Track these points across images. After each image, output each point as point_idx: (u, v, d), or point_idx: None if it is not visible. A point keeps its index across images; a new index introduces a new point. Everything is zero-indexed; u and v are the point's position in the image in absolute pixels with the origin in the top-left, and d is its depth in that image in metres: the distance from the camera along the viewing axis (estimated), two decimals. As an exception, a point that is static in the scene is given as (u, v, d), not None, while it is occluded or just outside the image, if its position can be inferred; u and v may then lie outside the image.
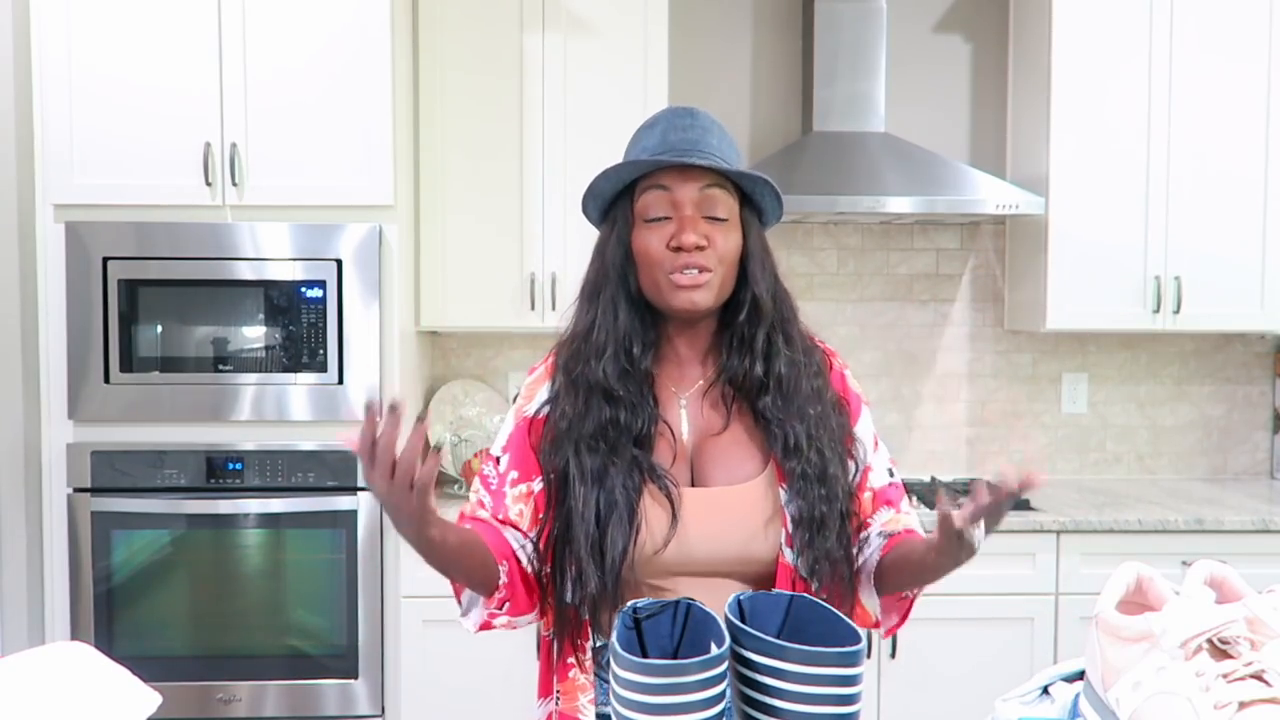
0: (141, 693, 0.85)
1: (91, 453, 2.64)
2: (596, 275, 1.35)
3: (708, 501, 1.29)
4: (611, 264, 1.32)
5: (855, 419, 1.38)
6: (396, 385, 2.70)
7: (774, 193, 1.33)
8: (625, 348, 1.30)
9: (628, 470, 1.26)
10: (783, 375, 1.31)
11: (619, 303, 1.31)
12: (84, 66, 2.62)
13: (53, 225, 2.65)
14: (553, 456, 1.31)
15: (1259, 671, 0.77)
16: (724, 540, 1.28)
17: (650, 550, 1.26)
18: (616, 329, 1.31)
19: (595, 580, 1.24)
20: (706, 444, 1.33)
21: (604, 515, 1.25)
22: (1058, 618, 2.75)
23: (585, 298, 1.36)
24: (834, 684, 0.94)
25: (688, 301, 1.28)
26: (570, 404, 1.31)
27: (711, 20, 3.30)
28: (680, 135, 1.29)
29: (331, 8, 2.63)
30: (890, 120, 3.14)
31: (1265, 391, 3.39)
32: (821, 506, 1.27)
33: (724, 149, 1.30)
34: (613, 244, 1.33)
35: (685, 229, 1.26)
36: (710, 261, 1.27)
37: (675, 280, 1.27)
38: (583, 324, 1.34)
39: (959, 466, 3.36)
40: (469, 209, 2.93)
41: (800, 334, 1.37)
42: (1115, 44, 2.96)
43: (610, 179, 1.31)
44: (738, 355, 1.32)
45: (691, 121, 1.31)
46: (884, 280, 3.33)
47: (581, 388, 1.30)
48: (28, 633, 2.74)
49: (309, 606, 2.69)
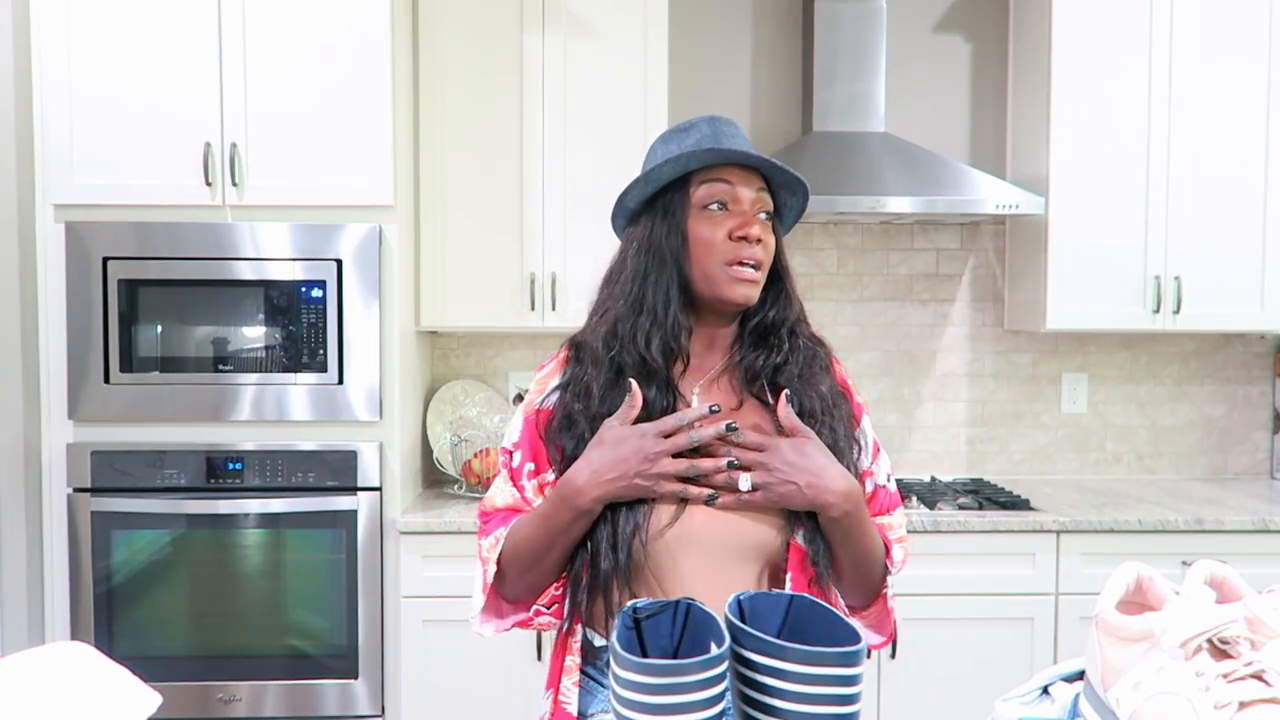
0: (141, 693, 0.85)
1: (91, 453, 2.64)
2: (643, 260, 1.34)
3: None
4: (668, 250, 1.33)
5: (858, 420, 1.42)
6: (396, 385, 2.70)
7: (801, 205, 1.40)
8: (675, 334, 1.32)
9: None
10: (801, 360, 1.37)
11: (671, 288, 1.32)
12: (84, 66, 2.62)
13: (53, 225, 2.65)
14: (564, 435, 1.32)
15: (1259, 671, 0.77)
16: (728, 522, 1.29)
17: (652, 532, 1.27)
18: (667, 315, 1.32)
19: (608, 557, 1.25)
20: None
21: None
22: (1058, 618, 2.75)
23: (624, 282, 1.35)
24: (834, 684, 0.94)
25: (743, 295, 1.33)
26: (595, 383, 1.32)
27: (711, 20, 3.30)
28: (732, 141, 1.35)
29: (331, 8, 2.63)
30: (890, 120, 3.14)
31: (1265, 391, 3.39)
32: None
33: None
34: (669, 230, 1.33)
35: (749, 222, 1.31)
36: (763, 257, 1.33)
37: (734, 273, 1.31)
38: (622, 307, 1.34)
39: (959, 466, 3.36)
40: (469, 209, 2.93)
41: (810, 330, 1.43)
42: (1115, 44, 2.96)
43: (676, 164, 1.32)
44: (755, 348, 1.37)
45: (737, 130, 1.38)
46: (884, 280, 3.33)
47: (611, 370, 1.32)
48: (28, 633, 2.74)
49: (309, 606, 2.69)
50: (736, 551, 1.30)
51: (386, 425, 2.69)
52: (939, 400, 3.36)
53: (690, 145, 1.34)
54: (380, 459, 2.67)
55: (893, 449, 3.32)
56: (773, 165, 1.34)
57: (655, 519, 1.27)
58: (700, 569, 1.29)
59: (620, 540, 1.25)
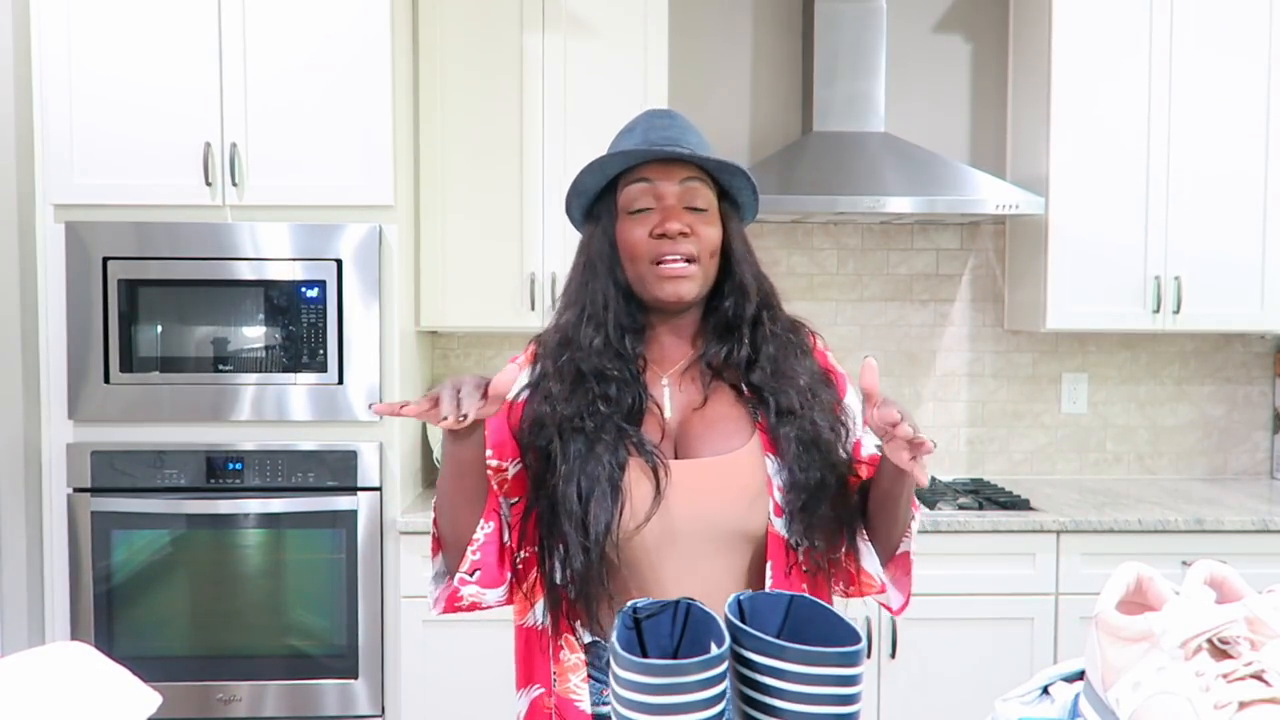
0: (141, 693, 0.85)
1: (91, 453, 2.64)
2: (584, 269, 1.37)
3: (694, 472, 1.30)
4: (599, 257, 1.35)
5: (843, 393, 1.41)
6: (396, 385, 2.70)
7: (751, 186, 1.38)
8: (618, 336, 1.33)
9: (613, 446, 1.28)
10: (772, 352, 1.34)
11: (608, 294, 1.34)
12: (84, 66, 2.62)
13: (53, 225, 2.65)
14: (534, 437, 1.32)
15: (1259, 671, 0.77)
16: (710, 511, 1.29)
17: (630, 526, 1.27)
18: (606, 320, 1.33)
19: (580, 556, 1.25)
20: (691, 419, 1.35)
21: (587, 491, 1.26)
22: (1058, 618, 2.75)
23: (572, 291, 1.38)
24: (834, 684, 0.94)
25: (673, 293, 1.31)
26: (556, 386, 1.32)
27: (711, 20, 3.30)
28: (660, 134, 1.33)
29: (331, 8, 2.63)
30: (890, 120, 3.14)
31: (1265, 391, 3.39)
32: (815, 472, 1.28)
33: (701, 147, 1.34)
34: (598, 238, 1.36)
35: (668, 218, 1.30)
36: (694, 250, 1.31)
37: (660, 271, 1.31)
38: (571, 314, 1.36)
39: (959, 466, 3.36)
40: (469, 209, 2.93)
41: (787, 316, 1.41)
42: (1115, 44, 2.96)
43: (594, 173, 1.34)
44: (719, 340, 1.36)
45: (670, 121, 1.35)
46: (884, 280, 3.33)
47: (570, 371, 1.32)
48: (28, 633, 2.74)
49: (309, 606, 2.69)
50: (715, 542, 1.30)
51: (386, 425, 2.69)
52: (939, 400, 3.36)
53: (634, 142, 1.34)
54: (380, 459, 2.67)
55: (893, 449, 3.32)
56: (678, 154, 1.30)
57: (629, 516, 1.27)
58: (681, 561, 1.29)
59: (592, 539, 1.24)
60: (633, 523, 1.27)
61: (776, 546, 1.29)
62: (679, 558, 1.29)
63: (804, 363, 1.36)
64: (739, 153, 3.29)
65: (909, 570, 1.40)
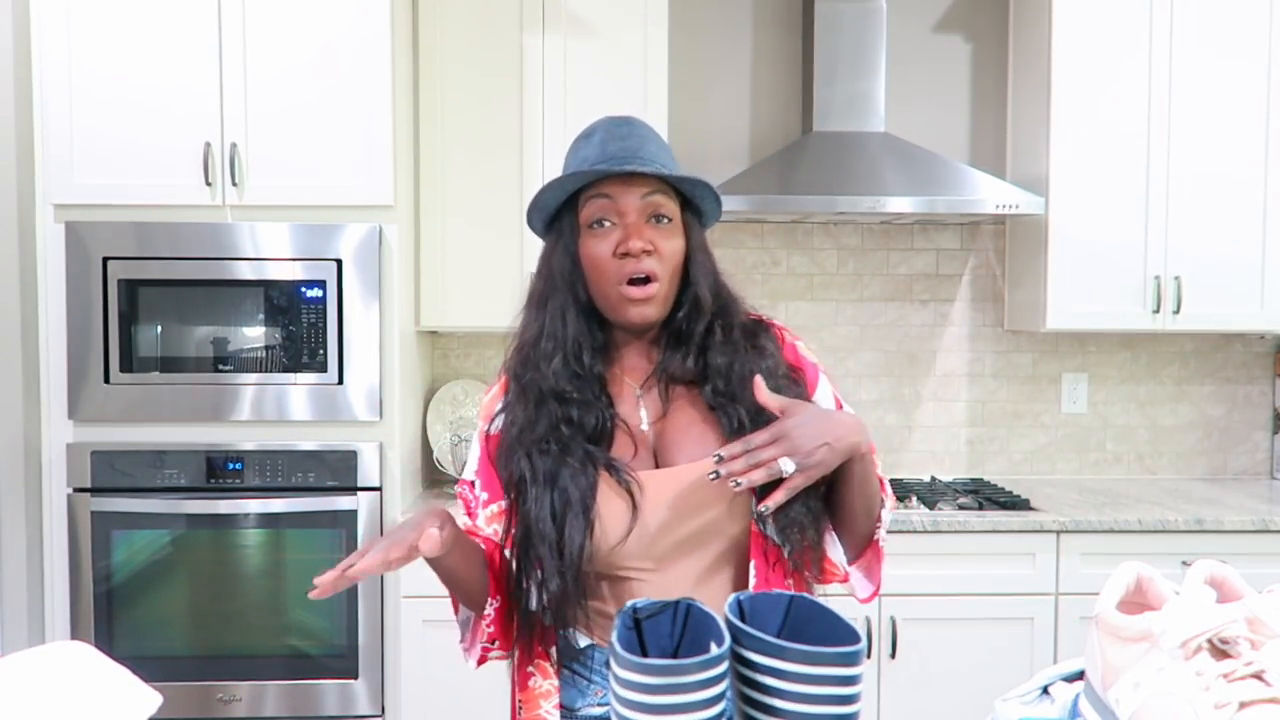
0: (141, 693, 0.85)
1: (91, 453, 2.64)
2: (544, 284, 1.36)
3: (668, 481, 1.30)
4: (560, 273, 1.34)
5: (813, 388, 1.40)
6: (396, 385, 2.70)
7: (714, 195, 1.36)
8: (575, 354, 1.33)
9: (581, 467, 1.28)
10: (720, 365, 1.33)
11: (567, 311, 1.33)
12: (84, 66, 2.62)
13: (53, 225, 2.65)
14: (507, 464, 1.32)
15: (1259, 671, 0.77)
16: (686, 518, 1.29)
17: (609, 544, 1.28)
18: (565, 336, 1.33)
19: (556, 580, 1.25)
20: (666, 429, 1.35)
21: (559, 513, 1.26)
22: (1058, 618, 2.75)
23: (533, 306, 1.37)
24: (834, 684, 0.94)
25: (640, 316, 1.31)
26: (521, 410, 1.33)
27: (711, 20, 3.30)
28: (619, 144, 1.31)
29: (331, 8, 2.63)
30: (890, 120, 3.14)
31: (1265, 391, 3.39)
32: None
33: (662, 156, 1.33)
34: (559, 253, 1.34)
35: (631, 235, 1.29)
36: (656, 268, 1.30)
37: (626, 293, 1.30)
38: (531, 332, 1.36)
39: (959, 466, 3.36)
40: (469, 209, 2.93)
41: (743, 320, 1.39)
42: (1115, 44, 2.96)
43: (555, 190, 1.33)
44: (673, 350, 1.35)
45: (629, 130, 1.33)
46: (884, 280, 3.33)
47: (532, 393, 1.32)
48: (28, 633, 2.74)
49: (309, 606, 2.69)
50: (699, 549, 1.30)
51: (386, 425, 2.69)
52: (939, 400, 3.36)
53: (586, 155, 1.33)
54: (380, 459, 2.67)
55: (893, 449, 3.33)
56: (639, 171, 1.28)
57: (602, 535, 1.27)
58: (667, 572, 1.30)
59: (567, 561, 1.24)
60: (608, 541, 1.28)
61: (758, 546, 1.30)
62: (661, 567, 1.30)
63: (764, 367, 1.34)
64: (739, 153, 3.30)
65: (880, 559, 1.39)
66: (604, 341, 1.36)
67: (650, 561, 1.30)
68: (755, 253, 3.24)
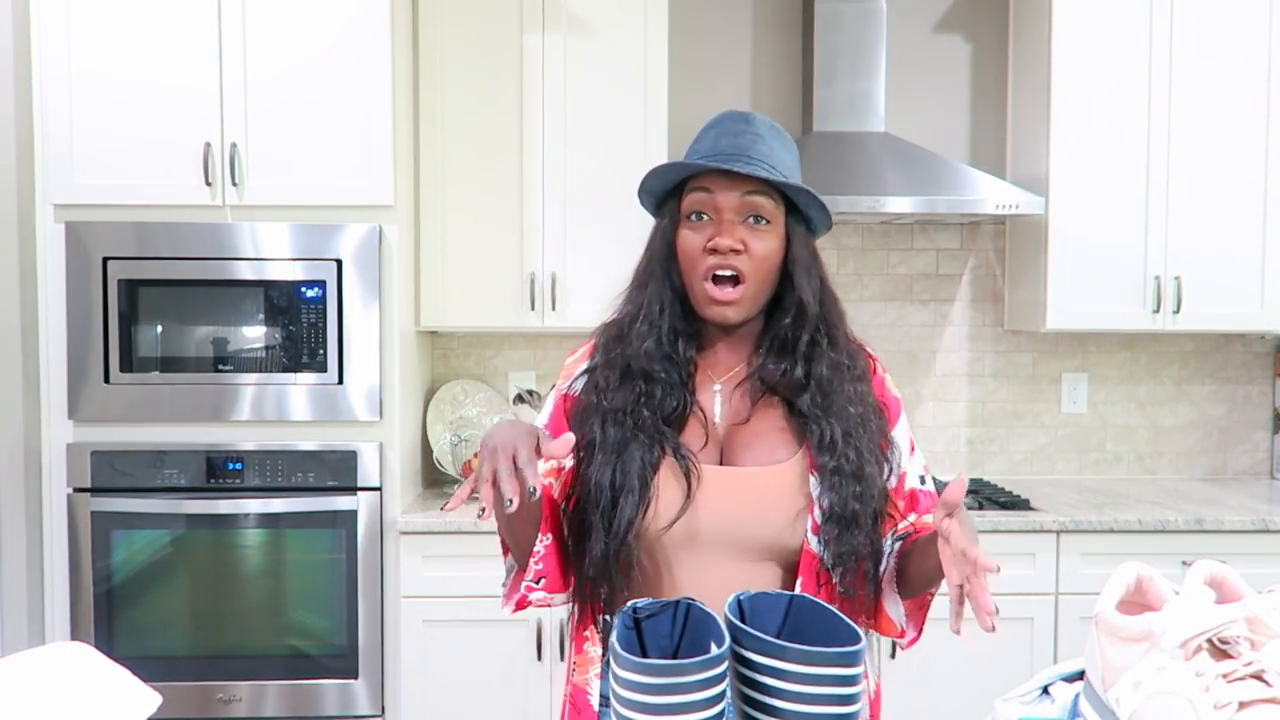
0: (141, 693, 0.85)
1: (91, 453, 2.64)
2: (645, 266, 1.38)
3: (729, 480, 1.30)
4: (657, 257, 1.35)
5: (893, 423, 1.40)
6: (396, 385, 2.70)
7: (818, 202, 1.35)
8: (671, 338, 1.33)
9: (648, 445, 1.29)
10: (824, 376, 1.33)
11: (664, 295, 1.34)
12: (84, 66, 2.62)
13: (53, 225, 2.65)
14: (581, 426, 1.33)
15: (1259, 671, 0.77)
16: (740, 520, 1.29)
17: (657, 526, 1.28)
18: (660, 321, 1.34)
19: (600, 547, 1.26)
20: (739, 430, 1.35)
21: (618, 485, 1.27)
22: (1058, 618, 2.75)
23: (635, 285, 1.38)
24: (834, 684, 0.94)
25: (719, 316, 1.32)
26: (605, 379, 1.34)
27: (711, 20, 3.30)
28: (731, 140, 1.31)
29: (331, 8, 2.63)
30: (890, 120, 3.14)
31: (1265, 391, 3.39)
32: (854, 504, 1.28)
33: (775, 155, 1.32)
34: (659, 239, 1.36)
35: (723, 232, 1.29)
36: (745, 267, 1.30)
37: (709, 291, 1.30)
38: (629, 310, 1.37)
39: (959, 466, 3.36)
40: (469, 209, 2.93)
41: (846, 338, 1.39)
42: (1115, 44, 2.96)
43: (657, 178, 1.35)
44: (776, 357, 1.35)
45: (745, 127, 1.33)
46: (884, 280, 3.33)
47: (619, 367, 1.33)
48: (28, 633, 2.74)
49: (309, 606, 2.69)
50: (746, 552, 1.30)
51: (386, 425, 2.69)
52: (939, 400, 3.36)
53: (699, 146, 1.34)
54: (380, 459, 2.67)
55: (893, 449, 3.32)
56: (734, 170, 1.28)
57: (654, 516, 1.28)
58: (708, 568, 1.29)
59: (614, 533, 1.26)
60: (659, 523, 1.28)
61: (809, 564, 1.29)
62: (703, 563, 1.29)
63: (858, 390, 1.35)
64: (739, 153, 3.29)
65: (926, 607, 1.40)
66: (697, 329, 1.37)
67: (696, 555, 1.30)
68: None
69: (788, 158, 1.34)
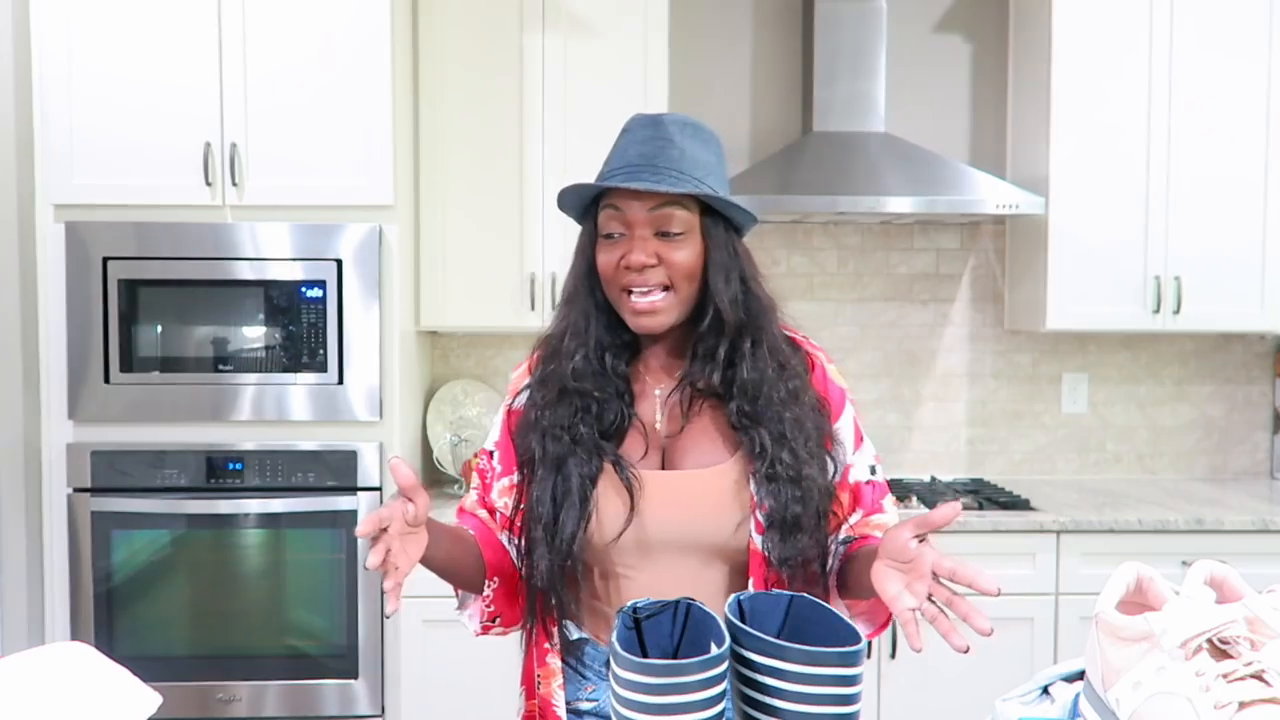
0: (141, 693, 0.85)
1: (91, 453, 2.64)
2: (572, 282, 1.38)
3: (670, 484, 1.31)
4: (581, 275, 1.36)
5: (836, 416, 1.37)
6: (396, 385, 2.70)
7: (733, 205, 1.31)
8: (598, 354, 1.34)
9: (587, 458, 1.30)
10: (749, 381, 1.31)
11: (589, 312, 1.35)
12: (84, 66, 2.62)
13: (53, 225, 2.65)
14: (523, 443, 1.35)
15: (1259, 671, 0.77)
16: (684, 523, 1.30)
17: (604, 537, 1.29)
18: (587, 338, 1.34)
19: (545, 562, 1.28)
20: (680, 434, 1.35)
21: (559, 500, 1.29)
22: (1058, 618, 2.75)
23: (564, 301, 1.39)
24: (834, 684, 0.94)
25: (643, 326, 1.32)
26: (542, 396, 1.35)
27: (711, 20, 3.30)
28: (638, 149, 1.29)
29: (331, 8, 2.63)
30: (890, 120, 3.14)
31: (1265, 391, 3.39)
32: (795, 507, 1.27)
33: (685, 159, 1.28)
34: (580, 256, 1.37)
35: (634, 249, 1.28)
36: (662, 279, 1.29)
37: (630, 304, 1.30)
38: (559, 327, 1.38)
39: (959, 466, 3.36)
40: (469, 209, 2.93)
41: (776, 338, 1.35)
42: (1115, 44, 2.96)
43: (569, 198, 1.35)
44: (700, 363, 1.34)
45: (653, 133, 1.30)
46: (884, 280, 3.33)
47: (554, 383, 1.34)
48: (28, 633, 2.74)
49: (309, 606, 2.69)
50: (694, 554, 1.31)
51: (386, 425, 2.69)
52: (939, 400, 3.36)
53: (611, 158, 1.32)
54: (380, 459, 2.67)
55: (893, 449, 3.32)
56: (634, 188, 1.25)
57: (598, 526, 1.29)
58: (659, 572, 1.31)
59: (557, 547, 1.27)
60: (604, 534, 1.29)
61: (758, 564, 1.29)
62: (654, 567, 1.31)
63: (792, 389, 1.32)
64: (739, 153, 3.29)
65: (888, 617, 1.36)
66: (629, 341, 1.37)
67: (645, 561, 1.31)
68: (755, 253, 3.21)
69: (705, 156, 1.30)
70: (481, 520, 1.40)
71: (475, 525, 1.39)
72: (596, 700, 1.35)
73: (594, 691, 1.35)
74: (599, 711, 1.35)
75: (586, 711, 1.36)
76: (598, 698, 1.35)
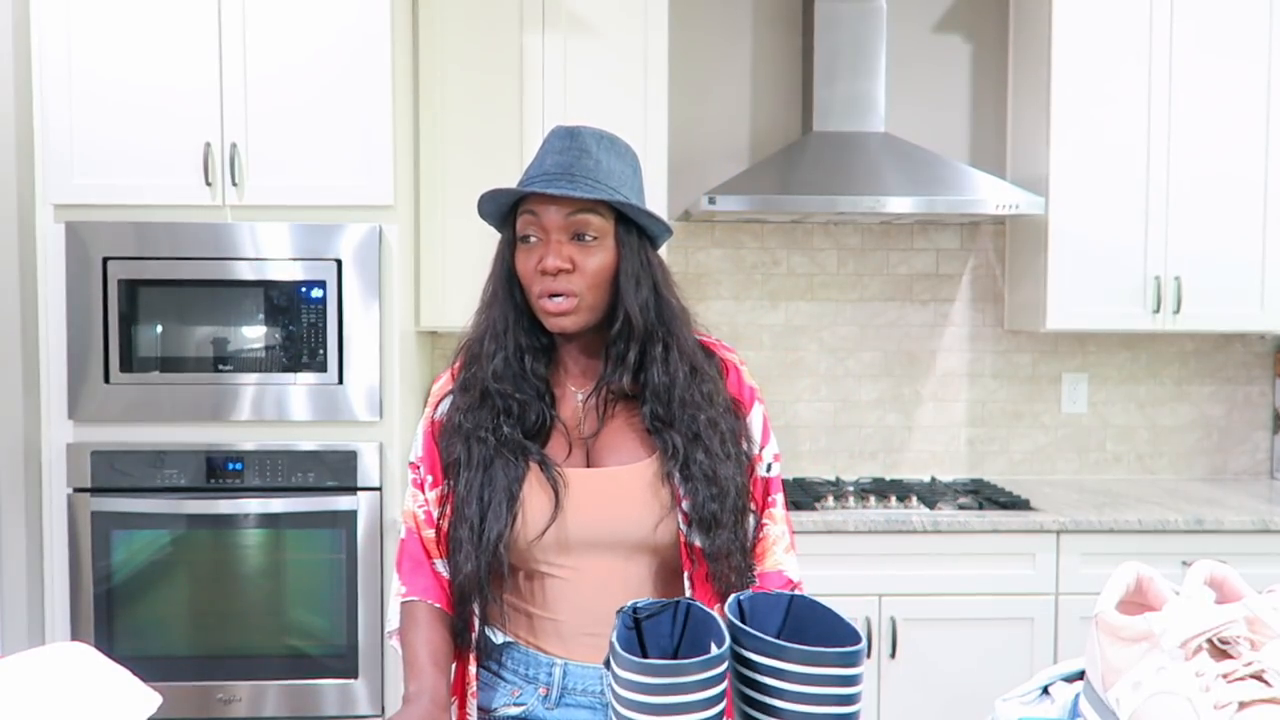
0: (141, 693, 0.85)
1: (91, 453, 2.64)
2: (491, 286, 1.41)
3: (592, 481, 1.34)
4: (500, 278, 1.39)
5: (746, 413, 1.43)
6: (396, 385, 2.70)
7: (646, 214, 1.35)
8: (517, 356, 1.37)
9: (514, 459, 1.33)
10: (660, 385, 1.35)
11: (508, 314, 1.38)
12: (84, 66, 2.62)
13: (53, 225, 2.65)
14: (447, 449, 1.38)
15: (1259, 671, 0.77)
16: (606, 520, 1.33)
17: (527, 536, 1.32)
18: (506, 340, 1.37)
19: (470, 563, 1.30)
20: (602, 434, 1.38)
21: (485, 501, 1.32)
22: (1058, 618, 2.75)
23: (483, 305, 1.42)
24: (834, 684, 0.94)
25: (557, 327, 1.35)
26: (464, 400, 1.38)
27: (711, 20, 3.30)
28: (556, 159, 1.33)
29: (331, 8, 2.63)
30: (890, 120, 3.14)
31: (1265, 391, 3.39)
32: (712, 505, 1.31)
33: (601, 169, 1.32)
34: (499, 260, 1.39)
35: (549, 253, 1.31)
36: (575, 285, 1.32)
37: (544, 306, 1.33)
38: (479, 330, 1.41)
39: (959, 466, 3.36)
40: (469, 209, 2.91)
41: (688, 343, 1.39)
42: (1115, 44, 2.96)
43: (488, 204, 1.37)
44: (613, 365, 1.37)
45: (569, 144, 1.34)
46: (884, 280, 3.33)
47: (475, 388, 1.37)
48: (28, 633, 2.74)
49: (309, 606, 2.69)
50: (617, 549, 1.34)
51: (386, 425, 2.69)
52: (939, 400, 3.36)
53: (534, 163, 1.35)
54: (380, 459, 2.67)
55: (892, 449, 3.32)
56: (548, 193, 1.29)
57: (523, 525, 1.31)
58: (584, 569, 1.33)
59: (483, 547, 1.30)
60: (528, 533, 1.32)
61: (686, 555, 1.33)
62: (579, 564, 1.34)
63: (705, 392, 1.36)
64: (739, 153, 3.29)
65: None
66: (548, 343, 1.40)
67: (568, 559, 1.34)
68: (755, 253, 3.24)
69: (620, 167, 1.34)
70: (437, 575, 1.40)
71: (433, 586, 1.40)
72: (524, 705, 1.36)
73: (520, 695, 1.36)
74: (529, 715, 1.36)
75: (514, 717, 1.36)
76: (525, 701, 1.36)
